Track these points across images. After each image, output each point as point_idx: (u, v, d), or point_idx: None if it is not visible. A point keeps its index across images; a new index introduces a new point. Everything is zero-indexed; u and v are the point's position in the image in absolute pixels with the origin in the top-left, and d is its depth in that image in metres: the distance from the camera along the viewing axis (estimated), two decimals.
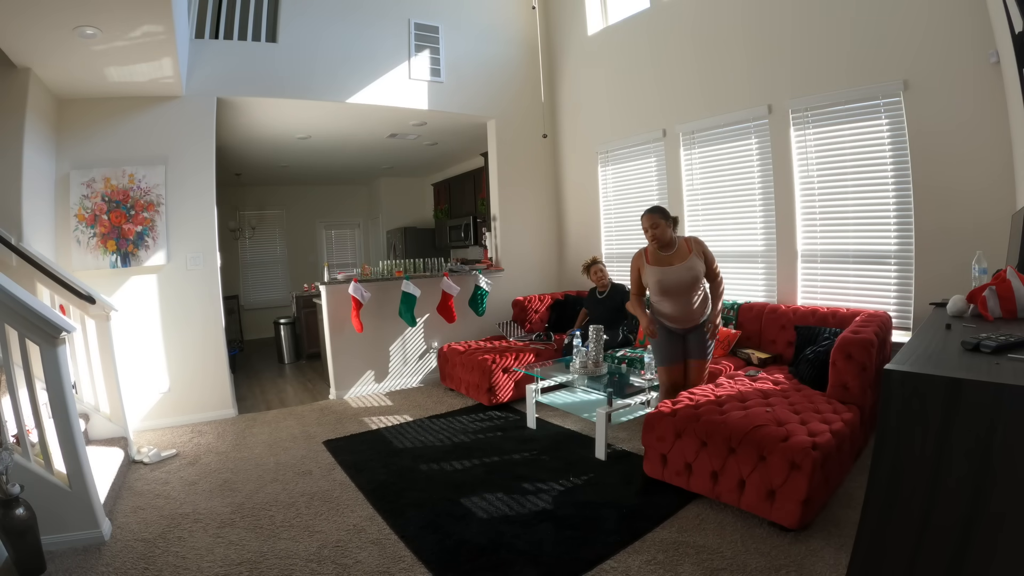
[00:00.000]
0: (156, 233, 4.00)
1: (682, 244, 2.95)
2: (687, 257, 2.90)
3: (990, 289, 1.73)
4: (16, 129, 3.27)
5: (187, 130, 4.13)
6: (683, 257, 2.90)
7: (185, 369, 4.16)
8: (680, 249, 2.93)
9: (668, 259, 2.92)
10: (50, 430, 2.29)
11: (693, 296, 2.92)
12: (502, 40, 5.66)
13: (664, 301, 2.96)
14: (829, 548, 2.10)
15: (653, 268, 2.93)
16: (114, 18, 2.83)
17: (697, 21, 4.39)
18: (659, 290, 2.93)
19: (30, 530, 2.07)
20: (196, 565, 2.20)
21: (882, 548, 1.22)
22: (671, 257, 2.92)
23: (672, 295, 2.91)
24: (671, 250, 2.93)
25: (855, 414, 2.60)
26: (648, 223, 2.92)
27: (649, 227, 2.92)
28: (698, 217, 4.53)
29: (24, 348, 2.25)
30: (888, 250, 3.40)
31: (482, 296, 5.11)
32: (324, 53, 4.63)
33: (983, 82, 2.86)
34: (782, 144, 3.85)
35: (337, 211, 9.61)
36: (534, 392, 3.78)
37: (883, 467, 1.21)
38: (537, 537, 2.31)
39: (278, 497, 2.82)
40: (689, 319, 2.95)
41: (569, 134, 5.86)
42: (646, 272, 2.97)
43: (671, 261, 2.91)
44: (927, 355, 1.32)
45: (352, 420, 4.12)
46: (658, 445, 2.67)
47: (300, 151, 6.56)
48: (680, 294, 2.90)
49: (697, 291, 2.93)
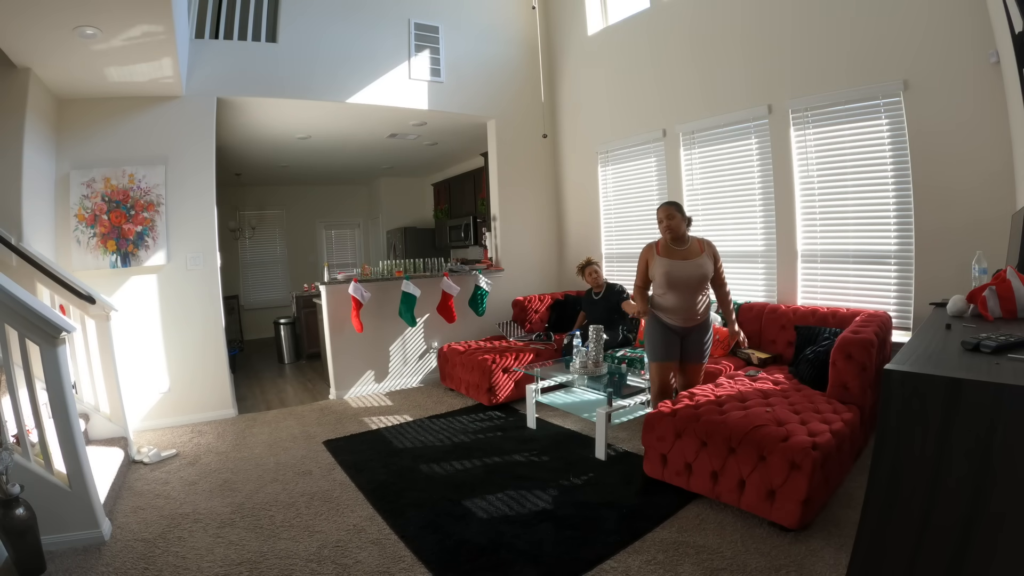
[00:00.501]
0: (156, 233, 4.00)
1: (694, 243, 2.98)
2: (698, 256, 2.93)
3: (990, 289, 1.73)
4: (16, 129, 3.27)
5: (187, 130, 4.13)
6: (695, 255, 2.93)
7: (185, 369, 4.16)
8: (692, 247, 2.96)
9: (680, 254, 2.94)
10: (50, 430, 2.29)
11: (698, 295, 2.93)
12: (502, 40, 5.66)
13: (668, 295, 2.95)
14: (829, 548, 2.10)
15: (663, 259, 2.94)
16: (114, 18, 2.83)
17: (697, 21, 4.39)
18: (666, 283, 2.93)
19: (30, 530, 2.07)
20: (196, 565, 2.20)
21: (882, 548, 1.22)
22: (683, 252, 2.94)
23: (678, 290, 2.92)
24: (683, 245, 2.95)
25: (855, 414, 2.60)
26: (664, 214, 2.95)
27: (664, 218, 2.94)
28: (698, 217, 4.52)
29: (24, 348, 2.25)
30: (888, 250, 3.40)
31: (482, 296, 5.11)
32: (324, 53, 4.63)
33: (983, 82, 2.86)
34: (782, 144, 3.85)
35: (337, 211, 9.61)
36: (534, 392, 3.78)
37: (883, 467, 1.21)
38: (537, 537, 2.31)
39: (278, 497, 2.82)
40: (690, 318, 2.95)
41: (569, 134, 5.86)
42: (654, 263, 2.97)
43: (682, 256, 2.93)
44: (927, 355, 1.32)
45: (352, 420, 4.12)
46: (658, 445, 2.67)
47: (300, 151, 6.56)
48: (685, 290, 2.91)
49: (703, 291, 2.95)
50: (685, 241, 2.97)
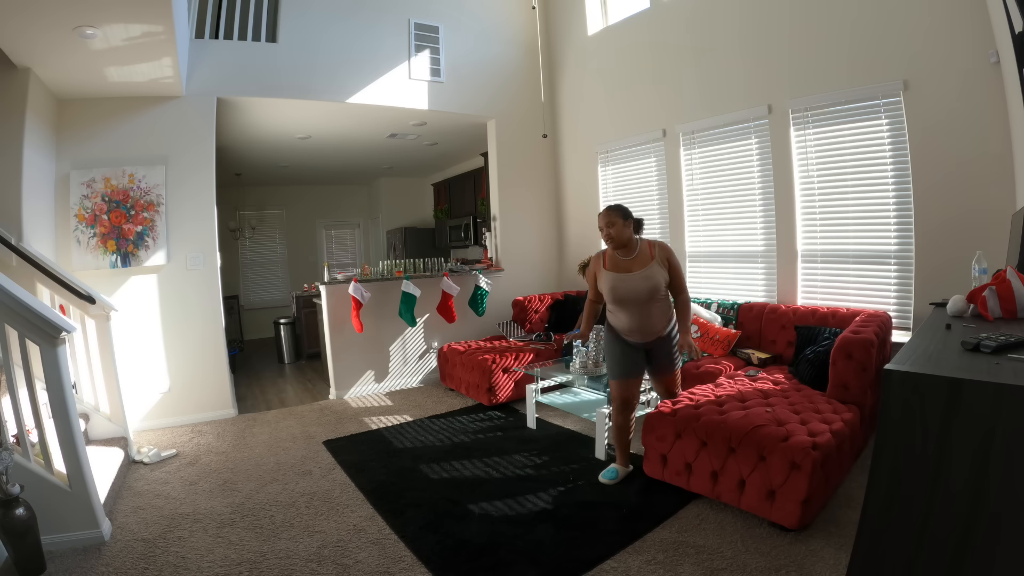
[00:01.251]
0: (156, 233, 4.00)
1: (644, 249, 2.69)
2: (647, 264, 2.65)
3: (990, 289, 1.73)
4: (16, 129, 3.27)
5: (187, 130, 4.13)
6: (643, 264, 2.65)
7: (185, 369, 4.16)
8: (641, 254, 2.68)
9: (626, 265, 2.67)
10: (50, 430, 2.29)
11: (651, 307, 2.66)
12: (502, 40, 5.66)
13: (619, 312, 2.71)
14: (829, 548, 2.10)
15: (608, 274, 2.70)
16: (114, 18, 2.83)
17: (697, 21, 4.39)
18: (612, 299, 2.70)
19: (30, 530, 2.07)
20: (196, 565, 2.20)
21: (882, 548, 1.22)
22: (630, 263, 2.67)
23: (626, 306, 2.67)
24: (631, 254, 2.69)
25: (855, 414, 2.60)
26: (603, 221, 2.67)
27: (604, 226, 2.66)
28: (698, 217, 4.53)
29: (24, 348, 2.25)
30: (888, 250, 3.40)
31: (482, 296, 5.11)
32: (324, 53, 4.63)
33: (983, 82, 2.86)
34: (782, 144, 3.85)
35: (337, 211, 9.61)
36: (534, 392, 3.78)
37: (883, 467, 1.21)
38: (537, 537, 2.31)
39: (278, 497, 2.82)
40: (648, 332, 2.70)
41: (569, 134, 5.86)
42: (601, 278, 2.73)
43: (629, 267, 2.67)
44: (927, 355, 1.32)
45: (352, 420, 4.12)
46: (658, 445, 2.67)
47: (300, 151, 6.56)
48: (635, 305, 2.65)
49: (656, 302, 2.66)
50: (633, 248, 2.69)
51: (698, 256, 4.57)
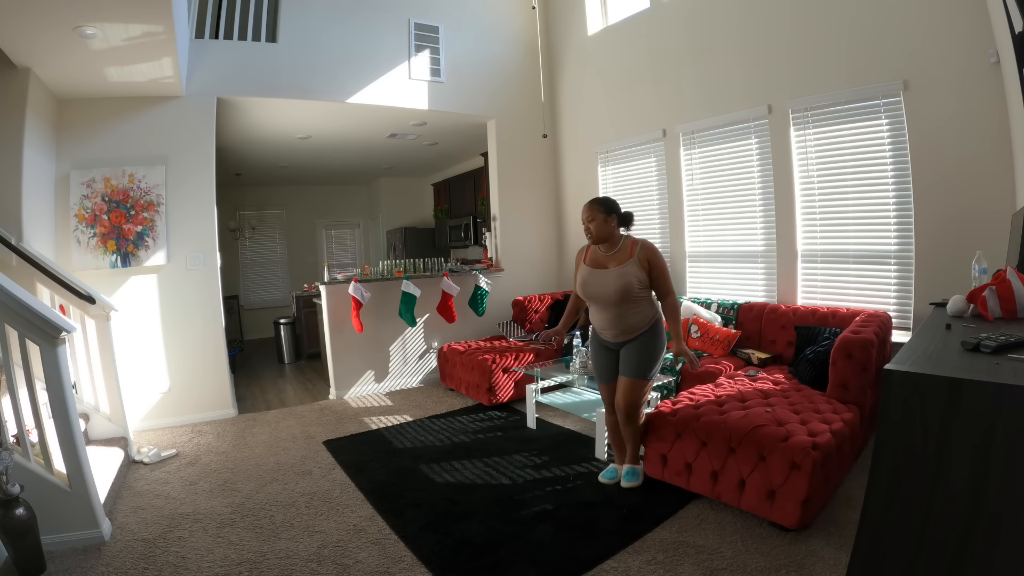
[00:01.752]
0: (156, 233, 4.00)
1: (626, 246, 2.59)
2: (623, 263, 2.54)
3: (990, 289, 1.73)
4: (16, 129, 3.27)
5: (187, 130, 4.13)
6: (620, 261, 2.55)
7: (185, 369, 4.16)
8: (621, 252, 2.58)
9: (604, 261, 2.60)
10: (50, 430, 2.29)
11: (623, 307, 2.55)
12: (502, 40, 5.66)
13: (591, 308, 2.68)
14: (829, 548, 2.10)
15: (584, 268, 2.65)
16: (114, 18, 2.83)
17: (697, 21, 4.39)
18: (583, 294, 2.66)
19: (30, 530, 2.07)
20: (196, 565, 2.20)
21: (882, 548, 1.22)
22: (608, 259, 2.59)
23: (597, 303, 2.62)
24: (611, 250, 2.60)
25: (855, 414, 2.60)
26: (585, 215, 2.61)
27: (585, 219, 2.60)
28: (698, 217, 4.53)
29: (24, 348, 2.25)
30: (888, 250, 3.40)
31: (482, 296, 5.11)
32: (324, 53, 4.63)
33: (983, 82, 2.86)
34: (782, 144, 3.85)
35: (337, 211, 9.61)
36: (534, 392, 3.78)
37: (883, 467, 1.21)
38: (537, 537, 2.31)
39: (278, 497, 2.82)
40: (620, 332, 2.61)
41: (569, 134, 5.86)
42: (578, 272, 2.70)
43: (605, 264, 2.59)
44: (927, 355, 1.32)
45: (352, 420, 4.12)
46: (658, 445, 2.67)
47: (300, 151, 6.56)
48: (603, 302, 2.58)
49: (628, 303, 2.54)
50: (615, 244, 2.60)
51: (698, 256, 4.57)
